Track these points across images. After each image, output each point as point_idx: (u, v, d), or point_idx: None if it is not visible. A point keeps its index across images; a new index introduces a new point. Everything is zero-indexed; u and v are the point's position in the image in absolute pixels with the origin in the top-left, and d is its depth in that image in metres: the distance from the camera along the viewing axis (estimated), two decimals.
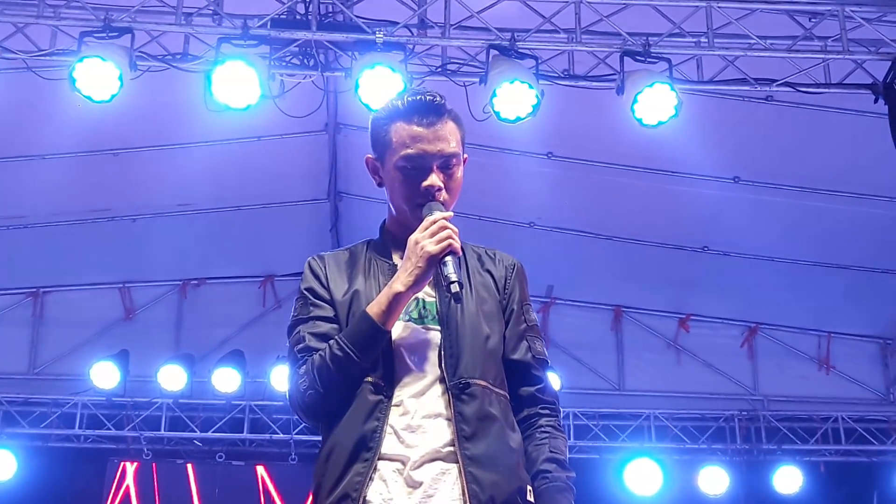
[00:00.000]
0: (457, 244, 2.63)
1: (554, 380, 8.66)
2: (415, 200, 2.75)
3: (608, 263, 9.10)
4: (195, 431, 9.56)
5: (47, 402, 9.44)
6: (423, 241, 2.62)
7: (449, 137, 2.77)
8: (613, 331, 9.71)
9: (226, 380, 9.13)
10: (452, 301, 2.61)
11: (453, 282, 2.56)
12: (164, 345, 9.50)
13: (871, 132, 6.67)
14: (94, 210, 8.62)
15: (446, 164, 2.77)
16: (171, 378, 9.10)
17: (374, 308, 2.66)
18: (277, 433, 9.51)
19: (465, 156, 2.83)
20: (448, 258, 2.61)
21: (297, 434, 9.41)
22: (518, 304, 2.90)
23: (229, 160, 8.20)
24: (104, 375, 9.00)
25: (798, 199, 7.99)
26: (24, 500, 9.55)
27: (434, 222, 2.65)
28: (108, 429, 9.50)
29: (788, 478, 9.32)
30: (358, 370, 2.66)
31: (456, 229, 2.63)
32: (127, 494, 9.50)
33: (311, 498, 2.76)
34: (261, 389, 9.37)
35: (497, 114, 6.22)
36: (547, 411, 2.81)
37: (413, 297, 2.69)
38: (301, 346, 2.73)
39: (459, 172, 2.82)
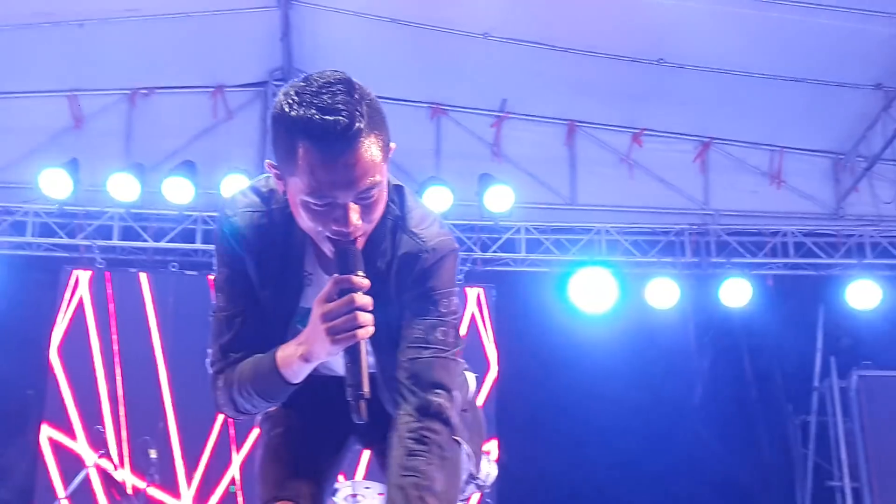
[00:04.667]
0: (364, 332, 2.40)
1: (507, 195, 8.86)
2: (324, 236, 2.45)
3: (562, 77, 9.10)
4: (147, 241, 9.68)
5: None
6: (328, 324, 2.39)
7: (367, 166, 2.36)
8: (567, 145, 9.75)
9: (178, 190, 9.18)
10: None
11: (359, 395, 2.39)
12: (114, 155, 9.49)
13: None
14: (38, 13, 8.48)
15: (365, 196, 2.41)
16: (123, 187, 9.14)
17: (283, 365, 2.56)
18: None
19: (393, 145, 2.49)
20: (359, 347, 2.42)
21: None
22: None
23: None
24: (54, 184, 9.02)
25: (757, 9, 7.98)
26: None
27: (341, 291, 2.41)
28: (61, 237, 9.59)
29: (737, 290, 9.56)
30: (269, 406, 2.79)
31: (368, 301, 2.41)
32: (81, 303, 9.67)
33: None
34: (213, 201, 9.40)
35: None
36: None
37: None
38: (223, 342, 2.70)
39: (382, 194, 2.47)
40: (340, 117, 2.29)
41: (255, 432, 9.11)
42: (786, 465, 10.50)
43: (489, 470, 6.67)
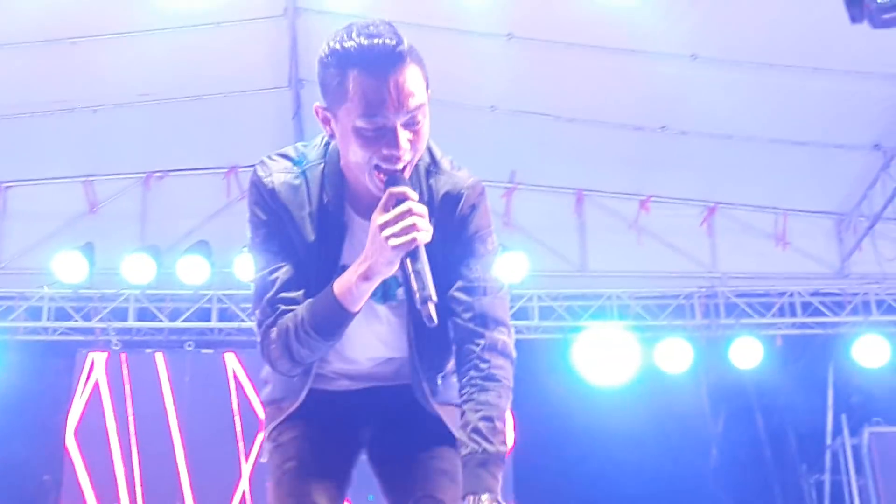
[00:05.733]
0: (423, 236, 2.48)
1: (520, 263, 8.89)
2: (374, 164, 2.53)
3: (570, 146, 9.18)
4: (163, 321, 9.70)
5: (13, 297, 9.54)
6: (387, 231, 2.46)
7: (413, 88, 2.48)
8: (576, 213, 9.83)
9: (193, 270, 9.23)
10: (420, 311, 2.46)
11: (427, 297, 2.44)
12: (129, 238, 9.54)
13: (828, 4, 6.72)
14: (54, 101, 8.57)
15: (412, 121, 2.51)
16: (138, 269, 9.17)
17: (342, 293, 2.61)
18: (245, 321, 9.65)
19: (429, 92, 2.57)
20: (420, 252, 2.48)
21: None
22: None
23: (188, 47, 8.20)
24: (69, 267, 9.05)
25: (755, 75, 8.07)
26: None
27: (398, 201, 2.49)
28: (76, 321, 9.60)
29: (747, 351, 9.60)
30: (326, 348, 2.77)
31: (423, 210, 2.50)
32: (97, 386, 9.64)
33: None
34: (228, 279, 9.45)
35: None
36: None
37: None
38: (270, 296, 2.72)
39: (426, 123, 2.56)
40: (387, 40, 2.44)
41: None
42: None
43: None
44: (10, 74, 8.15)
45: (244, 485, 9.45)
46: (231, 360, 9.73)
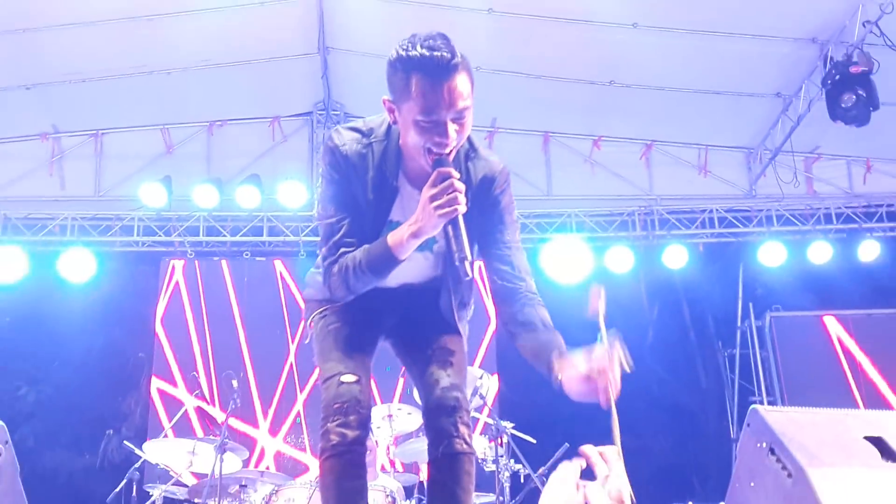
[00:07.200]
0: (462, 208, 2.47)
1: None
2: (427, 148, 2.53)
3: (539, 98, 9.00)
4: (226, 236, 9.65)
5: (111, 218, 9.49)
6: (435, 203, 2.47)
7: (464, 92, 2.48)
8: (543, 151, 9.69)
9: (247, 197, 9.14)
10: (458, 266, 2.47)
11: (464, 257, 2.45)
12: (198, 172, 9.43)
13: None
14: (136, 66, 8.42)
15: (459, 116, 2.51)
16: (205, 196, 9.10)
17: (395, 244, 2.60)
18: (289, 236, 9.64)
19: (474, 93, 2.58)
20: (459, 220, 2.48)
21: (304, 236, 9.56)
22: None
23: (238, 22, 7.99)
24: (153, 195, 8.98)
25: (684, 39, 7.84)
26: (102, 295, 9.74)
27: (444, 179, 2.48)
28: (160, 236, 9.57)
29: (676, 256, 9.57)
30: (376, 283, 2.75)
31: (462, 187, 2.49)
32: (177, 287, 9.67)
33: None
34: (274, 204, 9.38)
35: None
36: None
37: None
38: (336, 239, 2.72)
39: (470, 118, 2.57)
40: (444, 53, 2.44)
41: (314, 378, 9.15)
42: (718, 389, 10.53)
43: (490, 384, 6.70)
44: (100, 46, 7.98)
45: (291, 359, 9.50)
46: (279, 266, 9.75)
